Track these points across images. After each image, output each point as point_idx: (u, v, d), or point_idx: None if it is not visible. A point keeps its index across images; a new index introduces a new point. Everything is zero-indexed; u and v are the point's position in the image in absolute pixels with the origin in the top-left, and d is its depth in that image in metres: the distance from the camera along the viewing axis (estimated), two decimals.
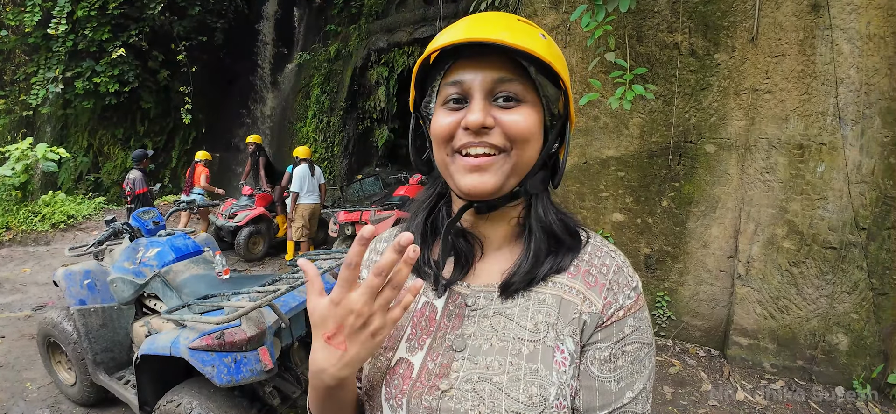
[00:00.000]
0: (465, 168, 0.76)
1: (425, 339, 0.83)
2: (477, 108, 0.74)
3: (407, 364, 0.82)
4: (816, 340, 3.97)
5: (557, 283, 0.81)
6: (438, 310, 0.84)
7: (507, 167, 0.76)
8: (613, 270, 0.82)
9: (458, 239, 0.85)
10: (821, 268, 3.91)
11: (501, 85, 0.74)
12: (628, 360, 0.78)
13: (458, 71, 0.76)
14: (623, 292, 0.80)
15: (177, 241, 3.50)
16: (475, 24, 0.74)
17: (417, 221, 0.90)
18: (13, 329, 5.37)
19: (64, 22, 10.08)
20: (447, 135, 0.77)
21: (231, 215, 8.22)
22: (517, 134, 0.75)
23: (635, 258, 4.56)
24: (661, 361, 4.22)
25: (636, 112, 4.36)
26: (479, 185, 0.75)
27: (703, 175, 4.22)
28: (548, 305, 0.79)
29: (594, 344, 0.78)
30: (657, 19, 4.24)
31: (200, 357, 2.35)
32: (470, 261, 0.85)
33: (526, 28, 0.75)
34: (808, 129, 3.87)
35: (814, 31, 3.80)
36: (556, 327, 0.78)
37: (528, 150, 0.77)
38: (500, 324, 0.79)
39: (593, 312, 0.78)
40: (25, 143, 10.07)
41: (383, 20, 10.87)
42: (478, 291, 0.83)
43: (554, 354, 0.76)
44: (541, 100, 0.77)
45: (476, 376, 0.76)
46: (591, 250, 0.84)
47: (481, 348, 0.78)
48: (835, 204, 3.84)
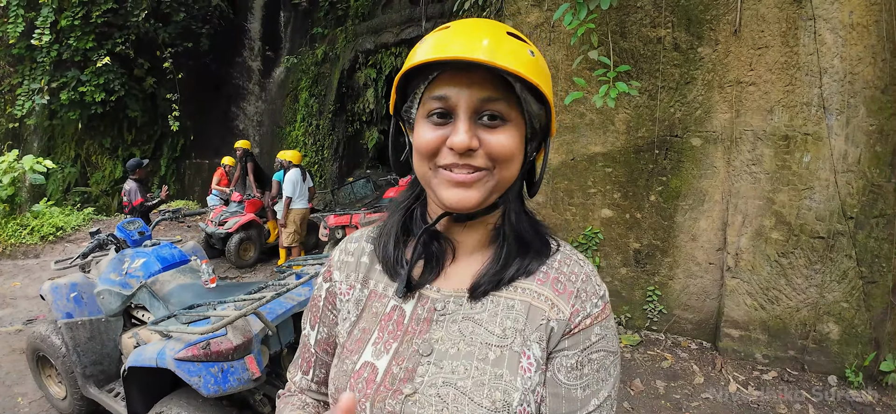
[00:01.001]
0: (449, 182, 0.76)
1: (392, 343, 0.82)
2: (462, 129, 0.73)
3: (371, 367, 0.81)
4: (807, 329, 3.99)
5: (527, 290, 0.81)
6: (407, 314, 0.84)
7: (490, 184, 0.77)
8: (582, 278, 0.83)
9: (430, 242, 0.86)
10: (809, 258, 3.93)
11: (487, 104, 0.74)
12: (594, 367, 0.79)
13: (442, 85, 0.75)
14: (590, 301, 0.81)
15: (163, 251, 3.47)
16: (463, 38, 0.72)
17: (393, 221, 0.91)
18: (3, 344, 5.31)
19: (47, 32, 9.97)
20: (431, 151, 0.77)
21: (221, 222, 8.14)
22: (501, 155, 0.75)
23: (625, 253, 4.57)
24: (653, 355, 4.24)
25: (622, 108, 4.37)
26: (463, 200, 0.75)
27: (689, 169, 4.24)
28: (516, 311, 0.80)
29: (561, 351, 0.79)
30: (640, 15, 4.25)
31: (187, 368, 2.33)
32: (441, 263, 0.86)
33: (515, 44, 0.74)
34: (793, 120, 3.89)
35: (796, 22, 3.81)
36: (523, 333, 0.78)
37: (511, 168, 0.77)
38: (469, 329, 0.80)
39: (561, 318, 0.79)
40: (11, 156, 9.96)
41: (370, 22, 10.84)
42: (448, 295, 0.83)
43: (520, 360, 0.76)
44: (524, 116, 0.77)
45: (440, 381, 0.76)
46: (560, 258, 0.85)
47: (448, 353, 0.78)
48: (822, 194, 3.85)
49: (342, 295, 0.93)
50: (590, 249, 4.65)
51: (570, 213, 4.73)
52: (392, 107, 0.86)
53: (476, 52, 0.69)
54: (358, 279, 0.92)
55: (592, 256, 4.65)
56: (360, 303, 0.90)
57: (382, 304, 0.87)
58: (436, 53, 0.72)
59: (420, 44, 0.77)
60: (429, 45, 0.74)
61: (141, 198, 7.05)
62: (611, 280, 4.67)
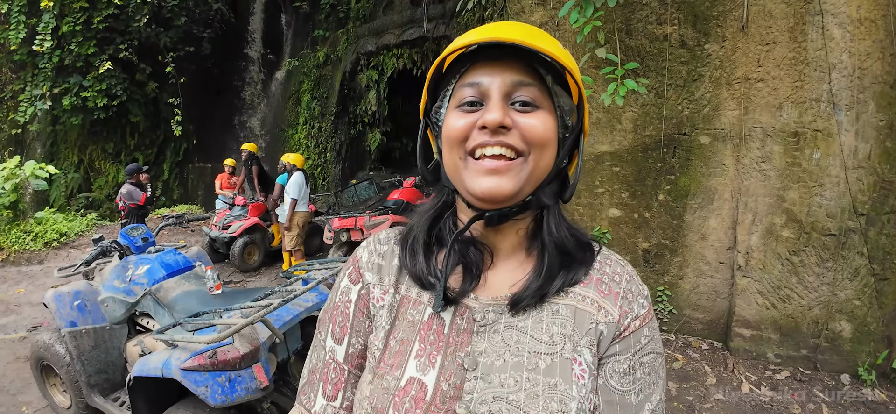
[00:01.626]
0: (481, 171, 0.73)
1: (436, 355, 0.77)
2: (495, 107, 0.71)
3: (419, 384, 0.75)
4: (819, 328, 3.94)
5: (570, 293, 0.78)
6: (446, 324, 0.79)
7: (524, 173, 0.73)
8: (625, 278, 0.81)
9: (466, 248, 0.81)
10: (821, 255, 3.88)
11: (519, 89, 0.73)
12: (646, 371, 0.76)
13: (475, 73, 0.75)
14: (637, 301, 0.79)
15: (167, 257, 3.44)
16: (494, 28, 0.74)
17: (419, 228, 0.85)
18: (8, 351, 5.29)
19: (49, 38, 9.98)
20: (461, 136, 0.75)
21: (225, 226, 8.12)
22: (535, 137, 0.73)
23: (634, 253, 4.52)
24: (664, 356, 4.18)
25: (629, 106, 4.32)
26: (496, 188, 0.72)
27: (698, 167, 4.19)
28: (562, 316, 0.76)
29: (613, 356, 0.76)
30: (646, 12, 4.20)
31: (193, 377, 2.29)
32: (480, 270, 0.81)
33: (545, 35, 0.75)
34: (803, 117, 3.84)
35: (804, 18, 3.76)
36: (572, 339, 0.75)
37: (545, 157, 0.75)
38: (513, 338, 0.75)
39: (610, 321, 0.76)
40: (14, 162, 9.96)
41: (371, 24, 10.82)
42: (487, 305, 0.79)
43: (572, 367, 0.73)
44: (556, 109, 0.76)
45: (491, 396, 0.72)
46: (600, 259, 0.82)
47: (494, 366, 0.74)
48: (832, 191, 3.81)
49: (375, 300, 0.85)
50: None
51: (577, 213, 4.68)
52: (422, 110, 0.84)
53: (510, 35, 0.70)
54: (391, 283, 0.85)
55: None
56: (392, 309, 0.83)
57: (418, 311, 0.81)
58: (471, 38, 0.73)
59: (453, 43, 0.77)
60: (461, 38, 0.75)
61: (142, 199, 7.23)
62: None
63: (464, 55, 0.77)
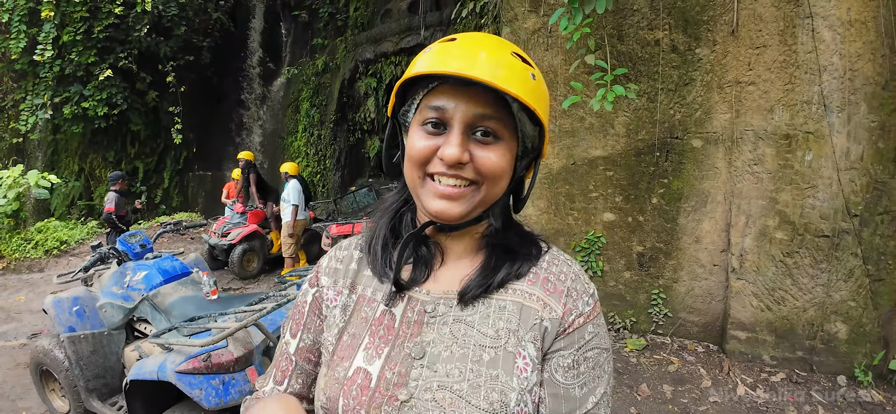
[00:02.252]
0: (436, 194, 0.78)
1: (383, 347, 0.82)
2: (454, 142, 0.74)
3: (364, 373, 0.80)
4: (815, 329, 3.96)
5: (517, 290, 0.82)
6: (397, 317, 0.84)
7: (475, 199, 0.78)
8: (571, 277, 0.84)
9: (419, 247, 0.87)
10: (815, 257, 3.90)
11: (482, 120, 0.75)
12: (590, 365, 0.80)
13: (440, 96, 0.76)
14: (581, 299, 0.82)
15: (164, 263, 3.47)
16: (466, 53, 0.73)
17: (382, 223, 0.91)
18: (8, 358, 5.32)
19: (50, 47, 10.03)
20: (422, 159, 0.78)
21: (224, 233, 8.16)
22: (490, 172, 0.76)
23: (628, 257, 4.54)
24: (659, 359, 4.20)
25: (621, 111, 4.35)
26: (447, 210, 0.77)
27: (691, 170, 4.22)
28: (508, 312, 0.80)
29: (557, 351, 0.79)
30: (637, 17, 4.24)
31: (188, 380, 2.32)
32: (430, 266, 0.86)
33: (517, 65, 0.74)
34: (794, 119, 3.87)
35: (794, 21, 3.80)
36: (517, 333, 0.78)
37: (499, 185, 0.79)
38: (461, 331, 0.79)
39: (554, 317, 0.79)
40: (16, 171, 10.02)
41: (369, 32, 10.87)
42: (437, 298, 0.83)
43: (515, 361, 0.76)
44: (517, 135, 0.79)
45: (436, 385, 0.76)
46: (549, 258, 0.86)
47: (441, 356, 0.78)
48: (825, 192, 3.83)
49: (328, 301, 0.92)
50: (593, 254, 4.62)
51: (571, 217, 4.71)
52: (390, 110, 0.86)
53: (476, 70, 0.70)
54: (346, 285, 0.92)
55: (595, 261, 4.63)
56: (347, 309, 0.89)
57: (372, 308, 0.87)
58: (437, 66, 0.73)
59: (423, 52, 0.78)
60: (431, 57, 0.76)
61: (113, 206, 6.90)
62: (615, 284, 4.65)
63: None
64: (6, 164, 12.09)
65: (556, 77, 4.56)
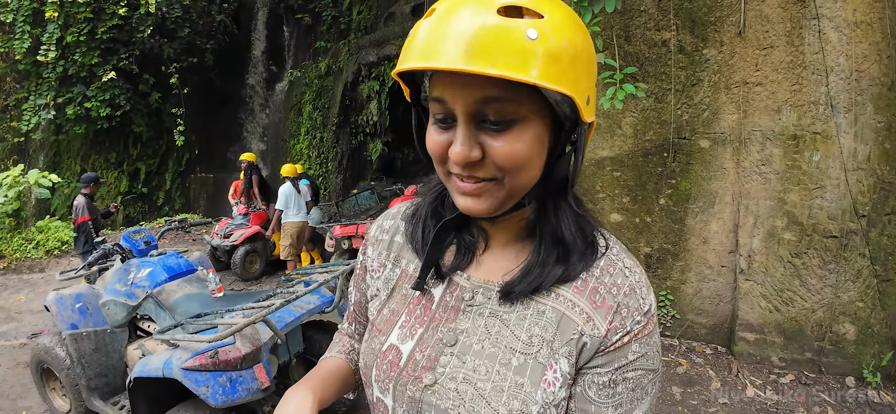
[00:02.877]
0: (459, 191, 0.70)
1: (418, 328, 0.81)
2: (460, 139, 0.65)
3: (396, 351, 0.80)
4: (823, 330, 3.93)
5: (561, 296, 0.75)
6: (435, 299, 0.82)
7: (501, 194, 0.69)
8: (624, 291, 0.74)
9: (461, 233, 0.83)
10: (823, 258, 3.88)
11: (487, 105, 0.63)
12: (629, 386, 0.73)
13: (439, 85, 0.66)
14: (632, 317, 0.73)
15: (169, 260, 3.44)
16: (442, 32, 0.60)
17: (425, 203, 0.88)
18: (8, 357, 5.29)
19: (54, 48, 10.01)
20: (440, 156, 0.70)
21: (226, 235, 8.13)
22: (508, 165, 0.65)
23: (635, 258, 4.51)
24: (668, 361, 4.17)
25: (629, 111, 4.34)
26: (473, 208, 0.70)
27: (698, 171, 4.19)
28: (546, 318, 0.74)
29: (594, 368, 0.73)
30: (644, 18, 4.23)
31: (194, 377, 2.29)
32: (472, 252, 0.82)
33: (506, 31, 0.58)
34: (802, 119, 3.85)
35: (800, 22, 3.79)
36: (551, 344, 0.73)
37: (524, 176, 0.68)
38: (495, 327, 0.76)
39: (596, 335, 0.72)
40: (17, 170, 9.99)
41: (372, 35, 10.86)
42: (477, 285, 0.80)
43: (544, 373, 0.72)
44: (545, 106, 0.65)
45: (461, 376, 0.74)
46: (603, 265, 0.76)
47: (472, 348, 0.75)
48: (833, 193, 3.81)
49: (373, 271, 0.94)
50: None
51: None
52: (408, 95, 0.78)
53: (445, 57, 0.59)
54: (389, 258, 0.91)
55: None
56: (389, 282, 0.89)
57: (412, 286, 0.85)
58: (419, 59, 0.62)
59: (411, 36, 0.66)
60: (416, 46, 0.64)
61: (87, 216, 6.32)
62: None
63: None
64: (8, 165, 12.08)
65: None
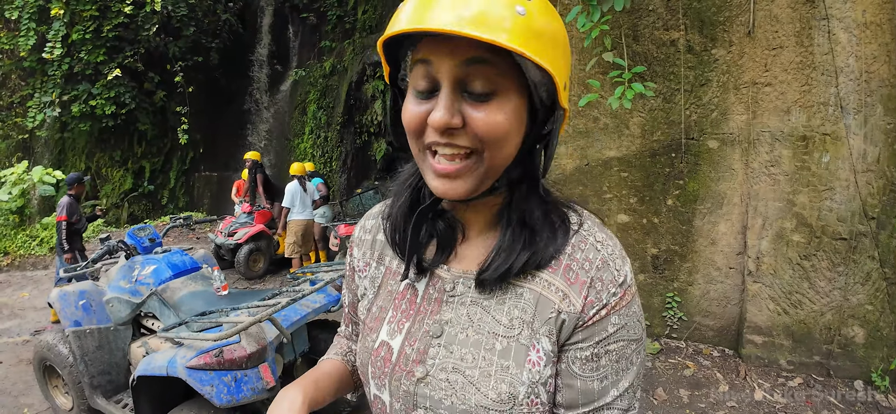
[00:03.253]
0: (434, 172, 0.70)
1: (404, 322, 0.83)
2: (442, 104, 0.65)
3: (387, 347, 0.82)
4: (832, 334, 3.89)
5: (537, 277, 0.76)
6: (419, 293, 0.84)
7: (479, 171, 0.69)
8: (597, 265, 0.75)
9: (437, 222, 0.82)
10: (832, 260, 3.84)
11: (473, 69, 0.63)
12: (613, 358, 0.74)
13: (426, 48, 0.66)
14: (607, 290, 0.73)
15: (173, 257, 3.43)
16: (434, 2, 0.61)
17: (401, 201, 0.86)
18: (10, 354, 5.29)
19: (59, 45, 10.03)
20: (413, 128, 0.70)
21: (231, 233, 8.14)
22: (489, 135, 0.65)
23: (642, 259, 4.48)
24: (675, 364, 4.14)
25: (636, 111, 4.30)
26: (450, 190, 0.70)
27: (707, 171, 4.16)
28: (525, 301, 0.76)
29: (575, 344, 0.74)
30: (653, 17, 4.20)
31: (198, 376, 2.27)
32: (451, 244, 0.82)
33: (498, 4, 0.60)
34: (811, 120, 3.81)
35: (810, 22, 3.75)
36: (531, 325, 0.74)
37: (504, 150, 0.68)
38: (477, 314, 0.77)
39: (572, 311, 0.73)
40: (21, 167, 10.02)
41: (377, 34, 10.83)
42: (457, 276, 0.81)
43: (528, 353, 0.73)
44: (526, 85, 0.66)
45: (450, 366, 0.76)
46: (575, 242, 0.76)
47: (458, 338, 0.77)
48: (842, 194, 3.77)
49: (360, 271, 0.95)
50: None
51: None
52: (386, 75, 0.78)
53: (435, 17, 0.60)
54: (373, 257, 0.93)
55: None
56: (375, 281, 0.92)
57: (396, 282, 0.87)
58: (409, 22, 0.62)
59: (399, 8, 0.67)
60: (407, 10, 0.64)
61: (64, 216, 5.99)
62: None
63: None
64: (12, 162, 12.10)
65: (571, 76, 4.50)
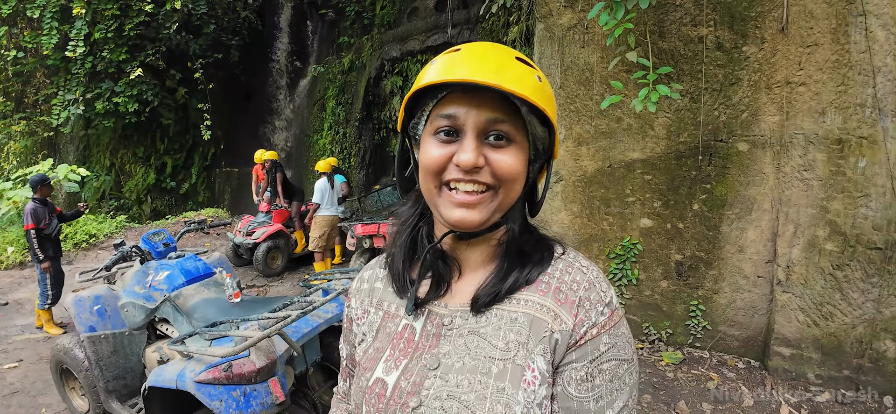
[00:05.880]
0: (454, 203, 0.79)
1: (402, 359, 0.85)
2: (469, 147, 0.76)
3: (382, 384, 0.85)
4: (863, 347, 3.72)
5: (529, 301, 0.82)
6: (417, 331, 0.87)
7: (493, 205, 0.80)
8: (584, 286, 0.82)
9: (436, 261, 0.88)
10: (866, 270, 3.66)
11: (494, 124, 0.77)
12: (606, 378, 0.78)
13: (451, 104, 0.78)
14: (595, 309, 0.80)
15: (187, 263, 3.40)
16: (472, 61, 0.75)
17: (401, 241, 0.94)
18: (32, 352, 5.35)
19: (81, 44, 10.15)
20: (437, 167, 0.79)
21: (249, 232, 8.30)
22: (506, 175, 0.78)
23: (666, 265, 4.34)
24: (697, 375, 3.99)
25: (662, 112, 4.15)
26: (466, 218, 0.78)
27: (736, 175, 4.00)
28: (519, 324, 0.80)
29: (569, 364, 0.78)
30: (680, 13, 4.04)
31: (207, 391, 2.22)
32: (447, 281, 0.88)
33: (522, 69, 0.77)
34: (847, 123, 3.63)
35: (846, 19, 3.57)
36: (526, 346, 0.78)
37: (515, 189, 0.81)
38: (474, 343, 0.81)
39: (564, 330, 0.79)
40: (46, 165, 10.17)
41: (395, 30, 10.79)
42: (454, 310, 0.86)
43: (523, 373, 0.77)
44: (528, 138, 0.81)
45: (445, 394, 0.78)
46: (562, 266, 0.85)
47: (454, 366, 0.80)
48: (878, 201, 3.59)
49: (357, 319, 0.99)
50: (628, 261, 4.42)
51: (606, 222, 4.52)
52: (400, 124, 0.89)
53: (485, 76, 0.73)
54: (372, 304, 0.97)
55: (631, 269, 4.43)
56: (373, 325, 0.95)
57: (395, 323, 0.91)
58: (446, 75, 0.75)
59: (429, 65, 0.81)
60: (438, 67, 0.78)
61: (32, 223, 5.65)
62: (650, 294, 4.44)
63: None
64: (38, 159, 12.30)
65: (592, 75, 4.38)
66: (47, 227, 5.81)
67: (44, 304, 5.88)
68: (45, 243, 5.76)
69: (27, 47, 11.47)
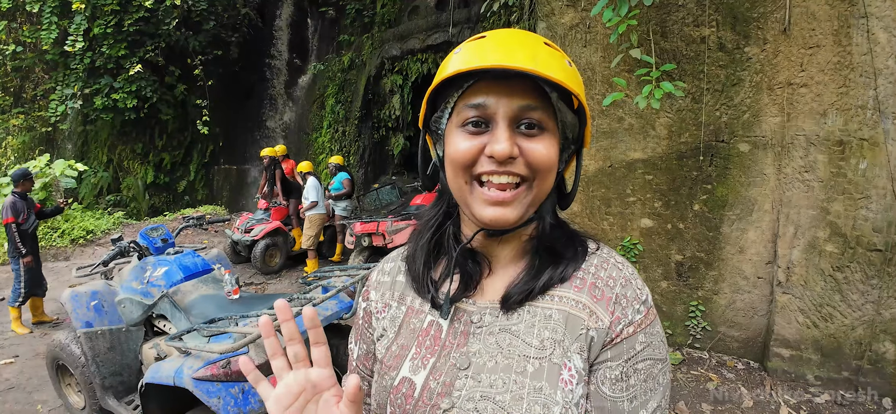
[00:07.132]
0: (488, 201, 0.75)
1: (429, 358, 0.82)
2: (503, 137, 0.72)
3: (409, 383, 0.81)
4: (863, 349, 3.72)
5: (564, 298, 0.79)
6: (444, 329, 0.83)
7: (528, 199, 0.76)
8: (620, 282, 0.79)
9: (465, 260, 0.84)
10: (866, 272, 3.65)
11: (526, 112, 0.73)
12: (641, 377, 0.75)
13: (479, 93, 0.74)
14: (632, 306, 0.77)
15: (185, 259, 3.37)
16: (501, 48, 0.72)
17: (423, 241, 0.89)
18: (28, 348, 5.32)
19: (81, 39, 10.12)
20: (468, 162, 0.75)
21: (247, 229, 8.29)
22: (541, 163, 0.74)
23: (666, 266, 4.33)
24: (697, 376, 3.99)
25: (664, 111, 4.14)
26: (501, 217, 0.75)
27: (737, 176, 3.99)
28: (554, 321, 0.77)
29: (604, 362, 0.76)
30: (682, 13, 4.03)
31: (205, 388, 2.20)
32: (477, 279, 0.84)
33: (552, 54, 0.74)
34: (848, 124, 3.63)
35: (848, 20, 3.56)
36: (562, 344, 0.76)
37: (549, 179, 0.78)
38: (506, 341, 0.78)
39: (600, 327, 0.76)
40: (43, 160, 10.13)
41: (396, 28, 10.78)
42: (483, 308, 0.82)
43: (560, 372, 0.74)
44: (558, 126, 0.77)
45: (478, 395, 0.75)
46: (597, 263, 0.82)
47: (486, 366, 0.77)
48: (879, 203, 3.59)
49: (378, 314, 0.94)
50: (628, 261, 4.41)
51: (607, 222, 4.50)
52: (421, 120, 0.85)
53: (516, 61, 0.69)
54: (393, 298, 0.92)
55: None
56: (396, 320, 0.90)
57: (419, 319, 0.87)
58: (476, 62, 0.71)
59: (453, 54, 0.77)
60: (465, 55, 0.74)
61: (11, 217, 5.65)
62: (650, 294, 4.43)
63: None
64: (35, 155, 12.26)
65: (594, 74, 4.36)
66: (25, 222, 5.81)
67: (14, 301, 5.79)
68: (23, 238, 5.75)
69: (26, 42, 11.44)
